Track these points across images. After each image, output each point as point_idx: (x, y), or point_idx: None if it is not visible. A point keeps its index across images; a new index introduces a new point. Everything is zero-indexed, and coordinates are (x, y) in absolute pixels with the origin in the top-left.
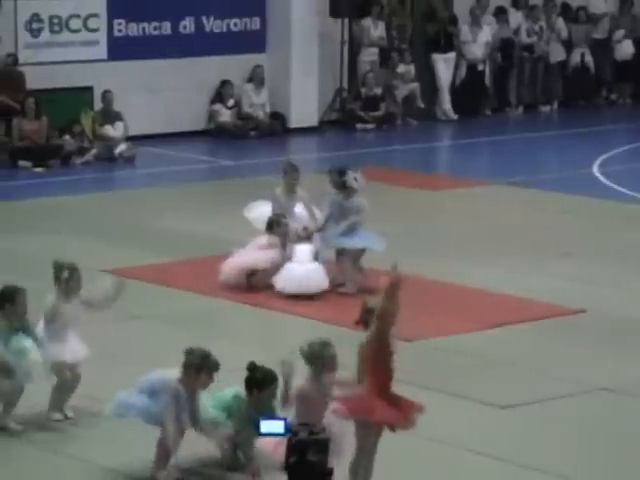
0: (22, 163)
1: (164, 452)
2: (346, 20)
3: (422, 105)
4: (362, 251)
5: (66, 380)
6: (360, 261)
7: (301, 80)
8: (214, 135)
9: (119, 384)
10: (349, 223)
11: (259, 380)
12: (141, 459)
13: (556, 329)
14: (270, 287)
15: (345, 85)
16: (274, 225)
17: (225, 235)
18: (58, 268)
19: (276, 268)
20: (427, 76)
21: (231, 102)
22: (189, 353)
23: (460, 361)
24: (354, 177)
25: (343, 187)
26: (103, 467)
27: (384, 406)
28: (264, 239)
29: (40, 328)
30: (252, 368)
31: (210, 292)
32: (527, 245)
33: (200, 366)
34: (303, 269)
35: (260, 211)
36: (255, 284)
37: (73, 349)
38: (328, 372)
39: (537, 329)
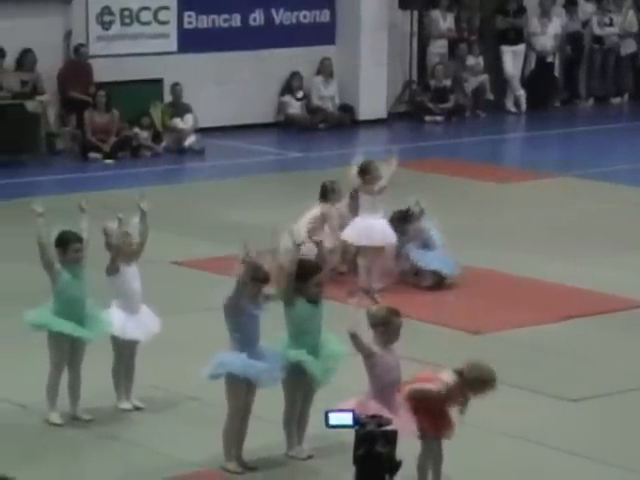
0: (92, 155)
1: (231, 442)
2: (415, 12)
3: (491, 97)
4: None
5: (122, 356)
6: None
7: (370, 72)
8: (283, 127)
9: (191, 375)
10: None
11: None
12: (211, 449)
13: (627, 322)
14: (335, 271)
15: (414, 77)
16: (328, 192)
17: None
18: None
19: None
20: (496, 68)
21: (300, 94)
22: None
23: (530, 354)
24: (415, 207)
25: (403, 234)
26: (172, 456)
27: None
28: (316, 210)
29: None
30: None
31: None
32: (596, 237)
33: (252, 276)
34: (368, 222)
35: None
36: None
37: (133, 326)
38: (389, 340)
39: (608, 322)
